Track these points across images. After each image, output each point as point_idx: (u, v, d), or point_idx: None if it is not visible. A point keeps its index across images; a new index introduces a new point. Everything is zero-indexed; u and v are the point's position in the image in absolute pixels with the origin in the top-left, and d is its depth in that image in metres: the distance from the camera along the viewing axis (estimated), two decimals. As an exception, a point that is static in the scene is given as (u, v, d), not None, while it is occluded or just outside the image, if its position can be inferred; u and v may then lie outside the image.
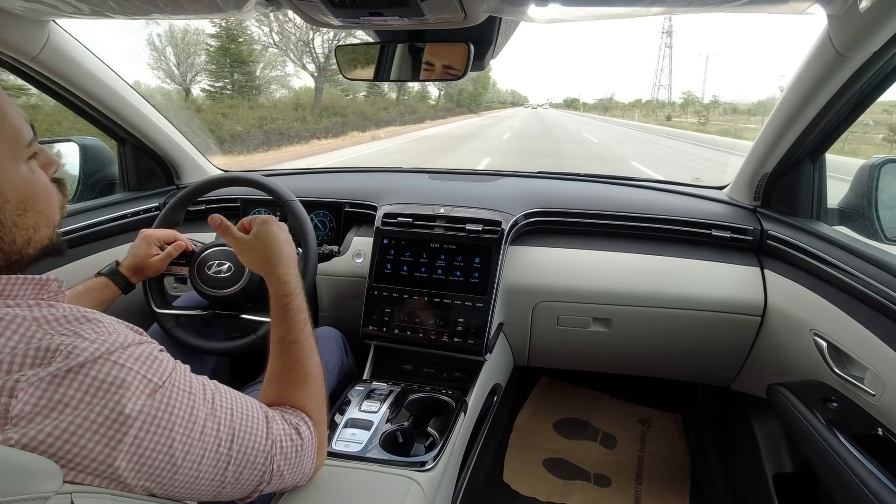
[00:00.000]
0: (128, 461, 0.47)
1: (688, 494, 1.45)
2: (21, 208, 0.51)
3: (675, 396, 1.79)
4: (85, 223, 1.34)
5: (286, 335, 0.75)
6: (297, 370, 0.74)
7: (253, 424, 0.60)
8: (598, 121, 42.93)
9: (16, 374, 0.43)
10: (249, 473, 0.59)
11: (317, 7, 0.80)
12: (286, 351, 0.74)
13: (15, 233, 0.51)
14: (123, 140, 1.54)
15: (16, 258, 0.52)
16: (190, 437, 0.52)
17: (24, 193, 0.52)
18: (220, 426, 0.55)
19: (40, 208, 0.54)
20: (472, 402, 1.12)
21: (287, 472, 0.64)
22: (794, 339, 1.10)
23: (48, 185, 0.56)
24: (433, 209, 1.32)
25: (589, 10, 0.85)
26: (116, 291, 1.05)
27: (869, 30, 0.81)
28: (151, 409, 0.49)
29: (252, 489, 0.61)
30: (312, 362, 0.76)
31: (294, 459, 0.65)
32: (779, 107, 1.11)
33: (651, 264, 1.30)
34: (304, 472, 0.68)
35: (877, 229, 1.05)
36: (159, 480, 0.50)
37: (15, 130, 0.52)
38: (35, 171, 0.54)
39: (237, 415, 0.58)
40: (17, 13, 1.01)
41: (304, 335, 0.76)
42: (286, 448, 0.64)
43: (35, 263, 0.55)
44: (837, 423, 0.85)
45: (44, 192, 0.55)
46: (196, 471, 0.53)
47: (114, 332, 0.50)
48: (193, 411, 0.53)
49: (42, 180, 0.55)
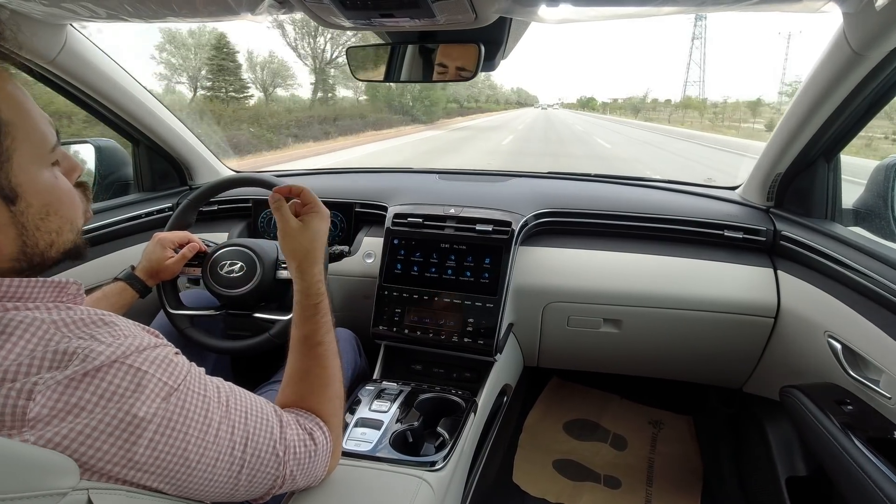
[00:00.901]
0: (143, 463, 0.47)
1: (699, 497, 1.44)
2: (44, 212, 0.51)
3: (687, 398, 1.78)
4: (100, 223, 1.36)
5: (312, 335, 0.73)
6: (318, 373, 0.72)
7: (267, 429, 0.60)
8: (634, 129, 29.96)
9: (34, 376, 0.43)
10: (263, 477, 0.59)
11: (328, 9, 0.81)
12: (310, 352, 0.73)
13: (38, 237, 0.51)
14: (138, 141, 1.57)
15: (38, 261, 0.52)
16: (205, 441, 0.52)
17: (47, 198, 0.52)
18: (234, 429, 0.55)
19: (63, 213, 0.54)
20: (481, 402, 1.12)
21: (300, 476, 0.64)
22: (808, 341, 1.09)
23: (71, 190, 0.56)
24: (443, 209, 1.32)
25: (600, 10, 0.85)
26: (134, 295, 1.07)
27: (885, 28, 0.80)
28: (167, 413, 0.49)
29: (265, 491, 0.61)
30: (334, 365, 0.75)
31: (307, 465, 0.65)
32: (793, 106, 1.10)
33: (662, 265, 1.29)
34: (317, 476, 0.68)
35: (893, 230, 1.04)
36: (174, 482, 0.51)
37: (41, 135, 0.52)
38: (58, 176, 0.54)
39: (251, 418, 0.58)
40: (36, 17, 1.03)
41: (329, 337, 0.75)
42: (300, 454, 0.63)
43: (55, 266, 0.56)
44: (852, 425, 0.84)
45: (67, 196, 0.55)
46: (210, 473, 0.53)
47: (130, 336, 0.50)
48: (208, 414, 0.53)
49: (65, 185, 0.55)
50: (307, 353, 0.73)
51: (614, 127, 31.36)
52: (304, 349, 0.73)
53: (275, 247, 1.22)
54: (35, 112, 0.52)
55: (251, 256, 1.16)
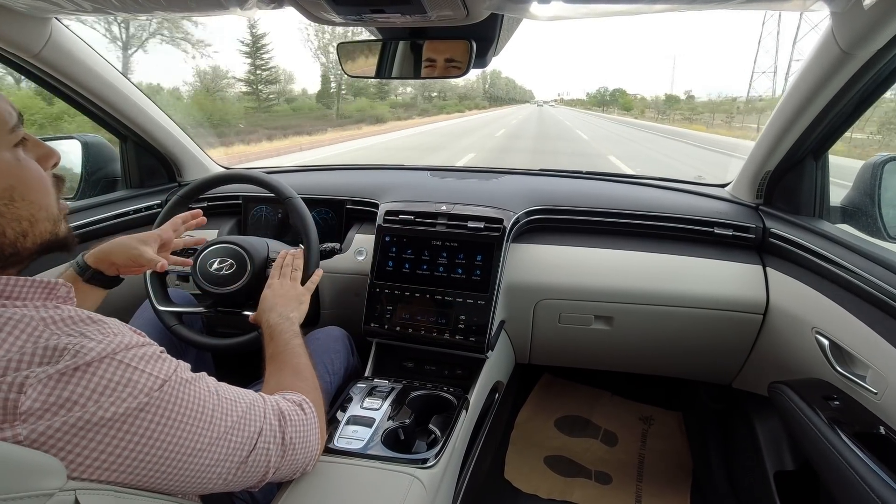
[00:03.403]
0: (134, 453, 0.48)
1: (689, 492, 1.46)
2: (7, 197, 0.49)
3: (677, 394, 1.80)
4: (87, 220, 1.34)
5: (276, 354, 0.85)
6: (291, 365, 0.82)
7: (260, 407, 0.63)
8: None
9: (24, 371, 0.43)
10: (265, 452, 0.61)
11: (319, 4, 0.80)
12: (278, 358, 0.84)
13: (3, 224, 0.49)
14: (125, 137, 1.54)
15: (10, 251, 0.50)
16: (201, 426, 0.53)
17: (9, 181, 0.49)
18: (227, 414, 0.57)
19: (32, 198, 0.52)
20: (473, 399, 1.12)
21: (299, 444, 0.67)
22: (796, 338, 1.10)
23: (40, 175, 0.54)
24: (435, 206, 1.32)
25: (592, 7, 0.85)
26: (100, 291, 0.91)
27: (873, 27, 0.81)
28: (161, 403, 0.50)
29: (264, 470, 0.62)
30: (304, 363, 0.83)
31: (303, 430, 0.68)
32: (782, 104, 1.11)
33: (653, 262, 1.30)
34: (312, 448, 0.70)
35: (880, 227, 1.05)
36: (173, 473, 0.51)
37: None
38: (21, 158, 0.52)
39: (242, 402, 0.61)
40: (20, 10, 1.01)
41: (292, 345, 0.86)
42: (295, 420, 0.67)
43: (36, 258, 0.54)
44: (839, 421, 0.85)
45: (35, 181, 0.52)
46: (210, 458, 0.54)
47: (119, 334, 0.50)
48: (201, 402, 0.54)
49: (33, 169, 0.53)
50: (278, 358, 0.84)
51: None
52: (273, 363, 0.84)
53: (265, 244, 1.21)
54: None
55: (241, 254, 1.15)
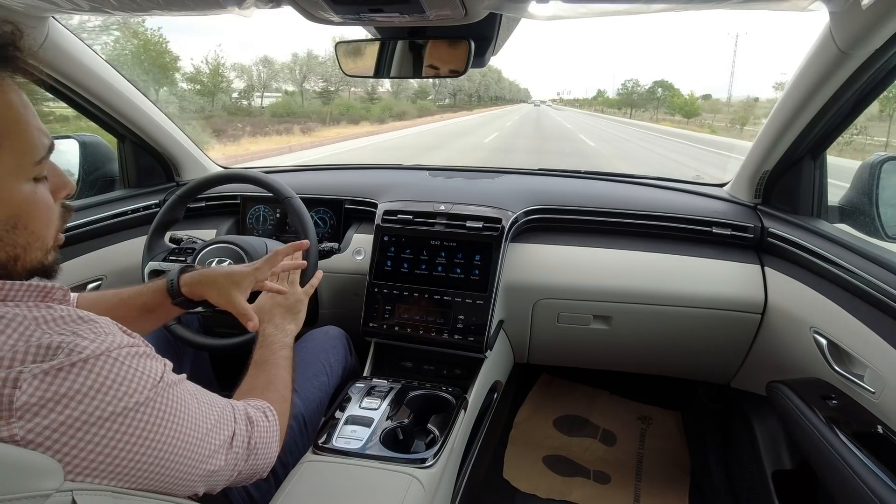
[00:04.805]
0: (128, 452, 0.48)
1: (687, 491, 1.46)
2: (10, 224, 0.49)
3: (675, 394, 1.80)
4: (85, 220, 1.34)
5: (260, 361, 0.86)
6: (269, 375, 0.83)
7: (228, 411, 0.65)
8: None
9: (18, 366, 0.43)
10: (234, 455, 0.63)
11: (317, 4, 0.80)
12: (261, 366, 0.85)
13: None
14: (123, 137, 1.54)
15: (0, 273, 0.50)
16: (188, 426, 0.55)
17: (17, 211, 0.50)
18: (206, 416, 0.59)
19: (34, 228, 0.52)
20: (472, 399, 1.12)
21: (262, 448, 0.68)
22: (795, 337, 1.10)
23: (49, 207, 0.54)
24: (433, 206, 1.32)
25: (590, 6, 0.85)
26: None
27: (871, 27, 0.81)
28: (157, 402, 0.51)
29: (233, 472, 0.64)
30: (282, 376, 0.83)
31: (266, 436, 0.70)
32: (780, 104, 1.11)
33: (651, 262, 1.30)
34: (272, 453, 0.72)
35: (877, 227, 1.05)
36: (165, 471, 0.52)
37: (27, 146, 0.50)
38: (37, 191, 0.52)
39: (216, 406, 0.63)
40: (17, 9, 1.00)
41: (278, 356, 0.86)
42: (261, 426, 0.69)
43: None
44: (837, 420, 0.85)
45: (42, 212, 0.53)
46: (193, 458, 0.56)
47: (111, 334, 0.51)
48: (186, 403, 0.56)
49: (43, 200, 0.53)
50: (260, 366, 0.85)
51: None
52: (257, 366, 0.85)
53: (263, 244, 1.21)
54: (30, 124, 0.50)
55: (239, 253, 1.15)
